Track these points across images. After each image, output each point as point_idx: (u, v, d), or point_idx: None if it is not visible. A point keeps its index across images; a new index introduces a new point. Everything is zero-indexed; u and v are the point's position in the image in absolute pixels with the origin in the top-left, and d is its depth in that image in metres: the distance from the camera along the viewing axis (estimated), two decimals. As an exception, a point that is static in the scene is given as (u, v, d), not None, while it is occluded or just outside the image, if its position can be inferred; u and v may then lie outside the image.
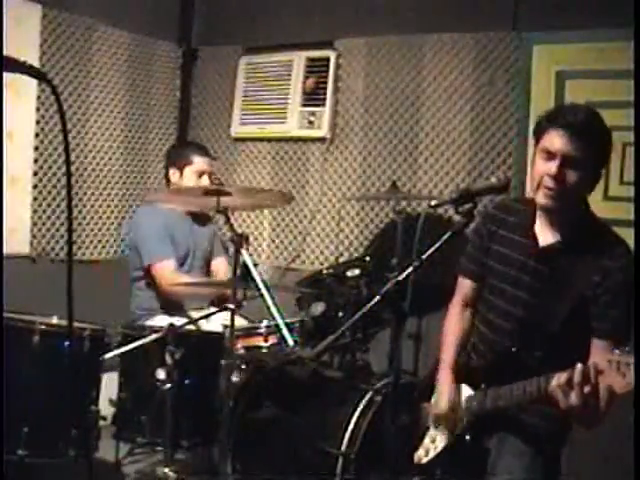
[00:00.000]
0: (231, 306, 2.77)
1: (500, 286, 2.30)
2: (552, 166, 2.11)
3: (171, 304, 3.59)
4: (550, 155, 2.12)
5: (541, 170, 2.14)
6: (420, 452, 2.33)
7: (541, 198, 2.16)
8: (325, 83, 4.43)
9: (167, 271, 3.52)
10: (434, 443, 2.31)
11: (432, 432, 2.34)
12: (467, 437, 2.25)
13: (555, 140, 2.11)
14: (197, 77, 4.96)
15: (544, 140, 2.15)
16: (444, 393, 2.33)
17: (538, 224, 2.25)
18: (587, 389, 1.89)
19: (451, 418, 2.28)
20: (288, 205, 4.40)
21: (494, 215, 2.37)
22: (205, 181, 3.64)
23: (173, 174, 3.68)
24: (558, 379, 1.94)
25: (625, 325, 2.10)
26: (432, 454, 2.30)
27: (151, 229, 3.57)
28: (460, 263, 2.48)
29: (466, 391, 2.32)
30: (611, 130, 2.19)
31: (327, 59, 4.42)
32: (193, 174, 3.64)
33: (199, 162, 3.67)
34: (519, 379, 2.10)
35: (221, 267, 3.85)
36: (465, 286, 2.47)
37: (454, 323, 2.46)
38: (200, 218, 3.81)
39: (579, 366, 1.90)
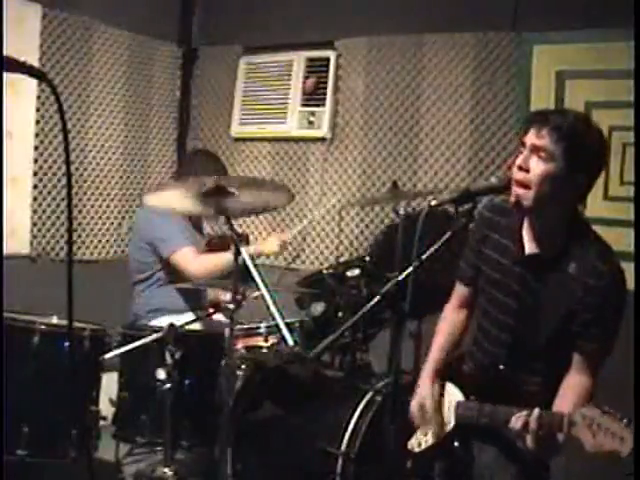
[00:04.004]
0: (231, 306, 2.77)
1: (492, 292, 2.26)
2: (520, 157, 2.06)
3: (187, 299, 3.59)
4: (523, 149, 2.08)
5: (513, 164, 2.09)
6: (413, 441, 2.32)
7: (512, 196, 2.08)
8: (325, 83, 4.42)
9: (190, 256, 3.51)
10: (426, 437, 2.29)
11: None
12: (455, 443, 2.23)
13: (529, 135, 2.06)
14: (197, 77, 4.96)
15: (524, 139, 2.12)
16: (421, 387, 2.31)
17: (525, 226, 2.18)
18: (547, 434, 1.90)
19: (432, 416, 2.25)
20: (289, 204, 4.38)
21: (487, 218, 2.29)
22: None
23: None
24: (524, 419, 1.93)
25: (604, 344, 2.07)
26: (424, 446, 2.28)
27: (165, 223, 3.53)
28: (459, 268, 2.43)
29: (454, 393, 2.28)
30: (605, 139, 2.12)
31: (327, 59, 4.42)
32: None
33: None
34: (508, 393, 2.10)
35: None
36: (461, 289, 2.43)
37: (445, 324, 2.43)
38: (198, 226, 3.82)
39: (537, 412, 1.91)
